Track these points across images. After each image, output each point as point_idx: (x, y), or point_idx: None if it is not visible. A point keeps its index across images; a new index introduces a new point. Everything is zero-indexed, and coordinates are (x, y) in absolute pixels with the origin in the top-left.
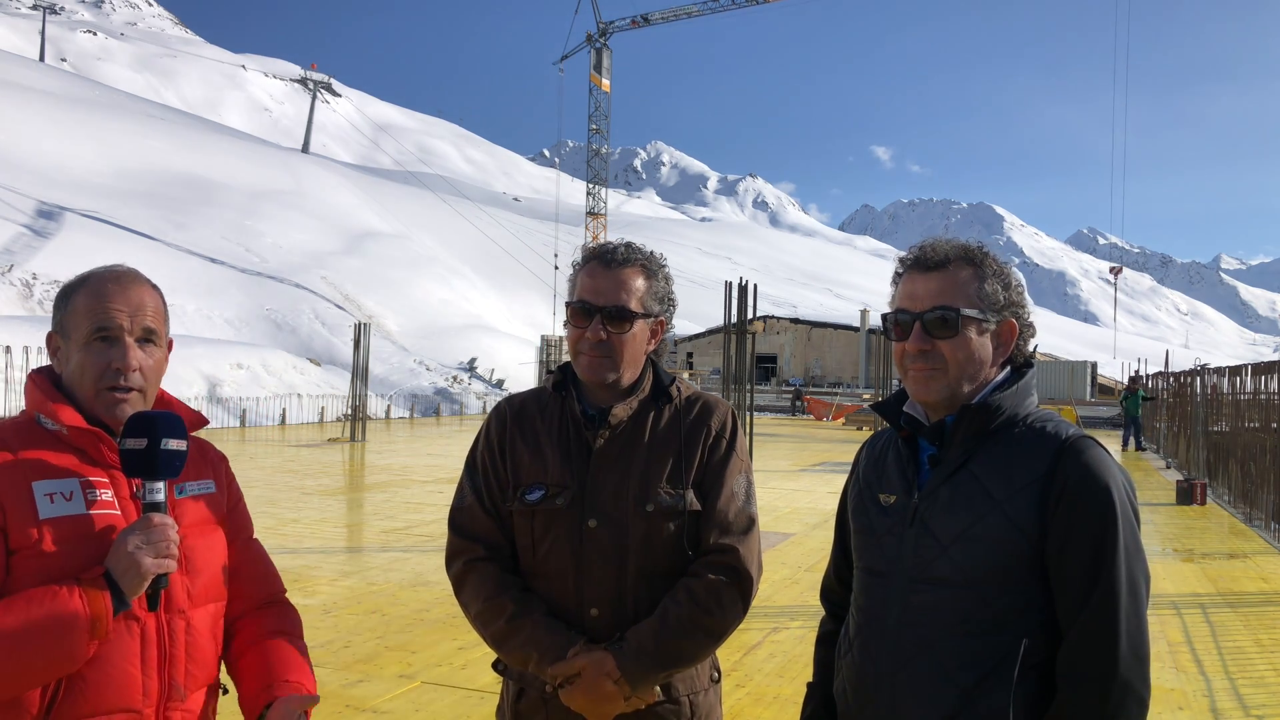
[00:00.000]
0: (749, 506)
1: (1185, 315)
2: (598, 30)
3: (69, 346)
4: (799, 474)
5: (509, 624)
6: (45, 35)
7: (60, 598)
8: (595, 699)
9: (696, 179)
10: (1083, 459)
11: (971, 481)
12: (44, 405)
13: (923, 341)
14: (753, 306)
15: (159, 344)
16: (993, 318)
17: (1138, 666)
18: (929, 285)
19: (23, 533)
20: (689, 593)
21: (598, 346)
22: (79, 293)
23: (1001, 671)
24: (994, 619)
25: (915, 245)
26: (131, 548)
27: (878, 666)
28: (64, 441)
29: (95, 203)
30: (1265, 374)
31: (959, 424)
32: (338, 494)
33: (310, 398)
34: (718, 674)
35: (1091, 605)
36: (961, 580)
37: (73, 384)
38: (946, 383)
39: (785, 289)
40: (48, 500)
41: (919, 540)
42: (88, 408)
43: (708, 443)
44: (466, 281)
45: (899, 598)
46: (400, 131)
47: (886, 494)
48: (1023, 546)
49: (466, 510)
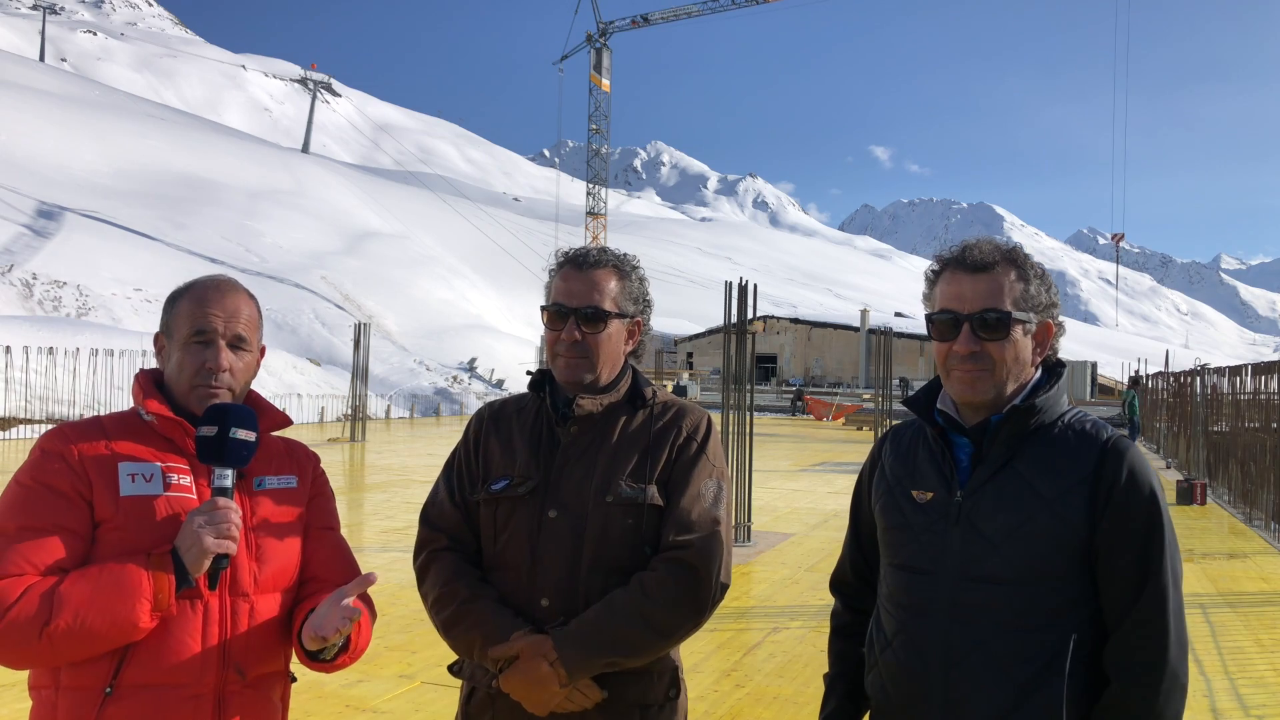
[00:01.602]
0: (714, 509)
1: (1185, 315)
2: (598, 30)
3: (171, 346)
4: (799, 474)
5: (459, 608)
6: (45, 35)
7: (129, 570)
8: (531, 682)
9: (696, 179)
10: (1127, 459)
11: (1018, 480)
12: (139, 398)
13: (972, 343)
14: (753, 306)
15: (250, 349)
16: (1035, 319)
17: (1182, 657)
18: (976, 287)
19: (106, 507)
20: (639, 584)
21: (574, 348)
22: (184, 298)
23: (1055, 665)
24: (1046, 614)
25: (956, 245)
26: (195, 527)
27: (927, 664)
28: (155, 431)
29: (95, 203)
30: (1265, 374)
31: (1004, 424)
32: (337, 494)
33: (310, 398)
34: (675, 690)
35: (1143, 601)
36: (1014, 577)
37: (171, 380)
38: (994, 383)
39: (785, 289)
40: (129, 480)
41: (966, 538)
42: (181, 402)
43: (677, 443)
44: (466, 281)
45: (947, 595)
46: (400, 131)
47: (921, 490)
48: (1073, 543)
49: (437, 504)
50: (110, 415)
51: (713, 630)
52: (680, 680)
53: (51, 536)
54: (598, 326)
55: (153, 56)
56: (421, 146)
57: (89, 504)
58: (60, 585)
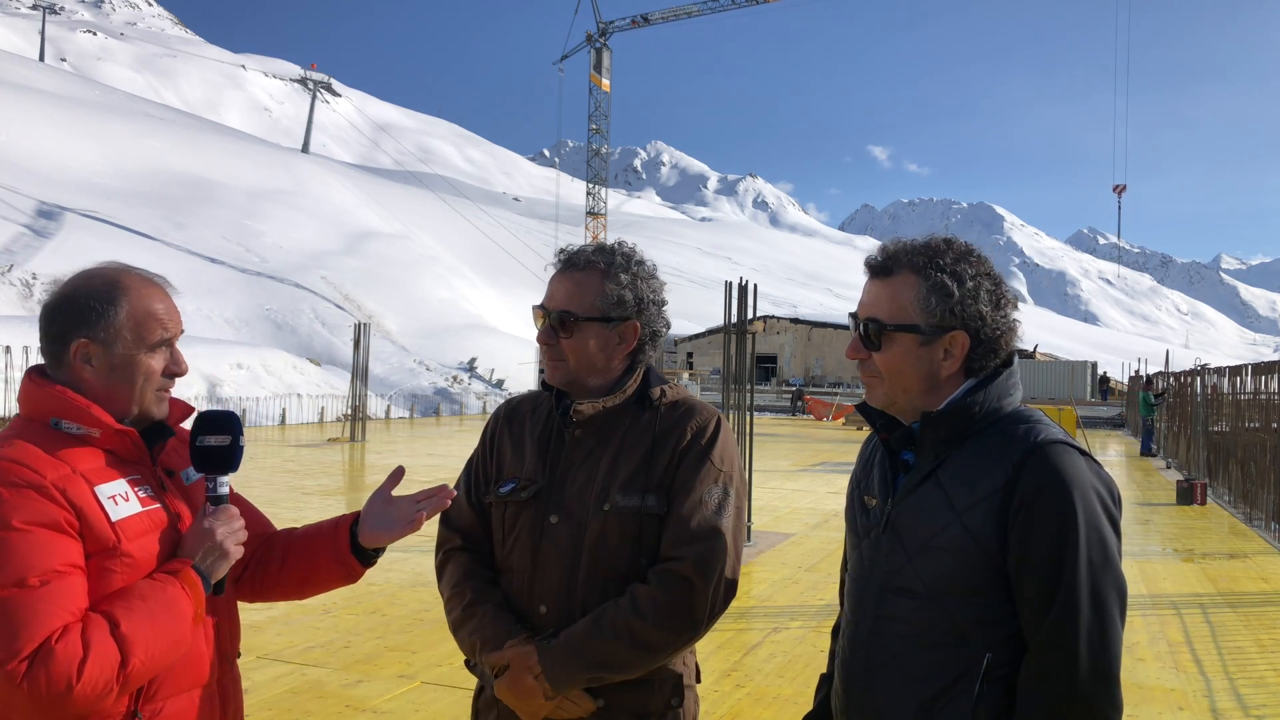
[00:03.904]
0: (717, 517)
1: (1185, 315)
2: (598, 30)
3: (108, 352)
4: (799, 474)
5: (464, 611)
6: (45, 35)
7: (169, 591)
8: (518, 693)
9: (696, 179)
10: (1047, 464)
11: (936, 490)
12: (70, 410)
13: (858, 351)
14: (753, 306)
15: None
16: (933, 331)
17: (1101, 686)
18: (871, 293)
19: (101, 537)
20: (631, 598)
21: (549, 351)
22: (124, 300)
23: (962, 684)
24: (957, 631)
25: (887, 242)
26: (220, 537)
27: (853, 672)
28: (93, 443)
29: (95, 203)
30: (1265, 374)
31: (925, 431)
32: (337, 494)
33: (310, 398)
34: (679, 699)
35: (1050, 621)
36: (926, 591)
37: (112, 387)
38: (884, 391)
39: (785, 289)
40: (112, 503)
41: (890, 548)
42: (122, 409)
43: (680, 446)
44: (466, 281)
45: (872, 606)
46: (400, 131)
47: (870, 496)
48: (982, 559)
49: (455, 504)
50: (25, 436)
51: (713, 630)
52: (685, 688)
53: (70, 578)
54: (569, 332)
55: (152, 56)
56: (421, 146)
57: (80, 536)
58: (119, 625)
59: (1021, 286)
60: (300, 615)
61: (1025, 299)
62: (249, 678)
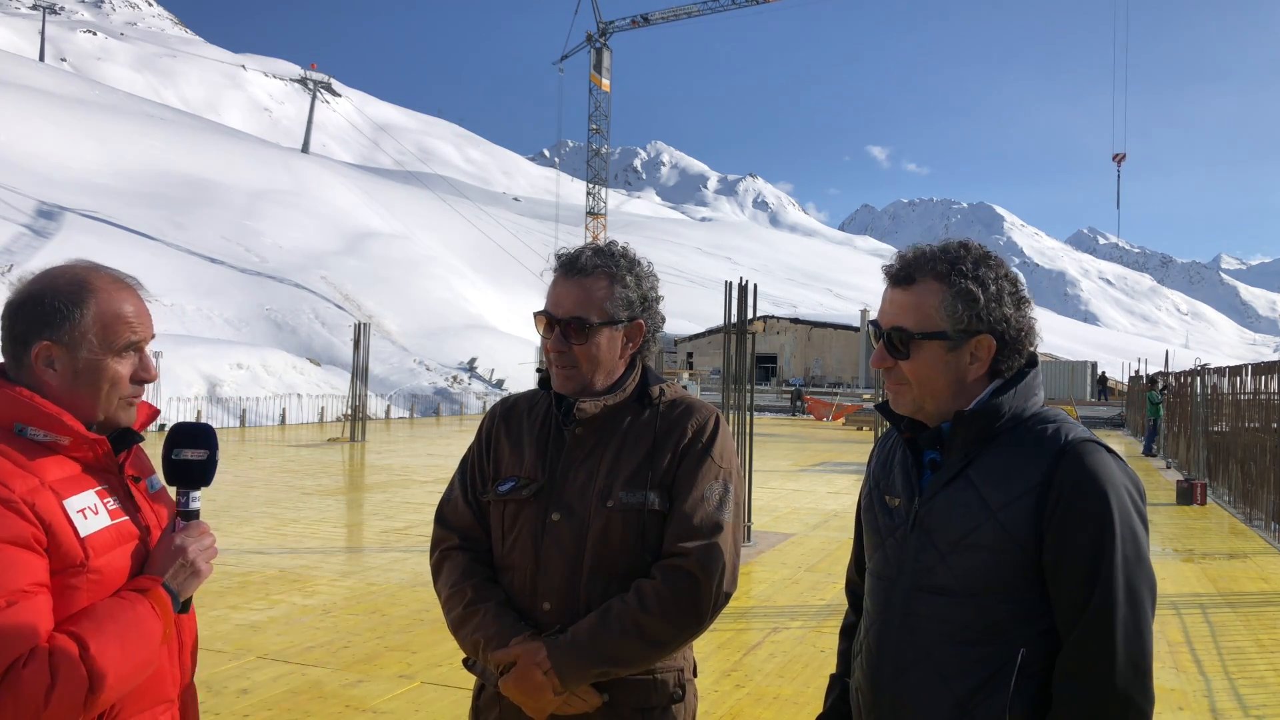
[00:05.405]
0: (719, 513)
1: (1185, 315)
2: (598, 30)
3: (73, 355)
4: (799, 474)
5: (465, 610)
6: (45, 35)
7: (138, 611)
8: (526, 689)
9: (696, 179)
10: (1082, 464)
11: (969, 489)
12: (38, 417)
13: (884, 359)
14: (753, 306)
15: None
16: (960, 336)
17: (1137, 679)
18: (893, 302)
19: (69, 554)
20: (637, 593)
21: (559, 358)
22: (92, 301)
23: (997, 680)
24: (991, 627)
25: (904, 250)
26: (191, 555)
27: (881, 671)
28: (60, 452)
29: (95, 203)
30: (1265, 374)
31: (955, 431)
32: (337, 494)
33: (310, 398)
34: (681, 693)
35: (1088, 616)
36: (960, 589)
37: (80, 393)
38: (913, 398)
39: (785, 289)
40: (81, 517)
41: (920, 546)
42: (89, 415)
43: (681, 444)
44: (466, 281)
45: (900, 604)
46: (400, 131)
47: (892, 496)
48: (1018, 556)
49: (451, 503)
50: None
51: (713, 630)
52: (686, 683)
53: (37, 598)
54: (583, 338)
55: (152, 56)
56: (421, 146)
57: (47, 553)
58: (88, 648)
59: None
60: (300, 615)
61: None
62: (249, 677)
